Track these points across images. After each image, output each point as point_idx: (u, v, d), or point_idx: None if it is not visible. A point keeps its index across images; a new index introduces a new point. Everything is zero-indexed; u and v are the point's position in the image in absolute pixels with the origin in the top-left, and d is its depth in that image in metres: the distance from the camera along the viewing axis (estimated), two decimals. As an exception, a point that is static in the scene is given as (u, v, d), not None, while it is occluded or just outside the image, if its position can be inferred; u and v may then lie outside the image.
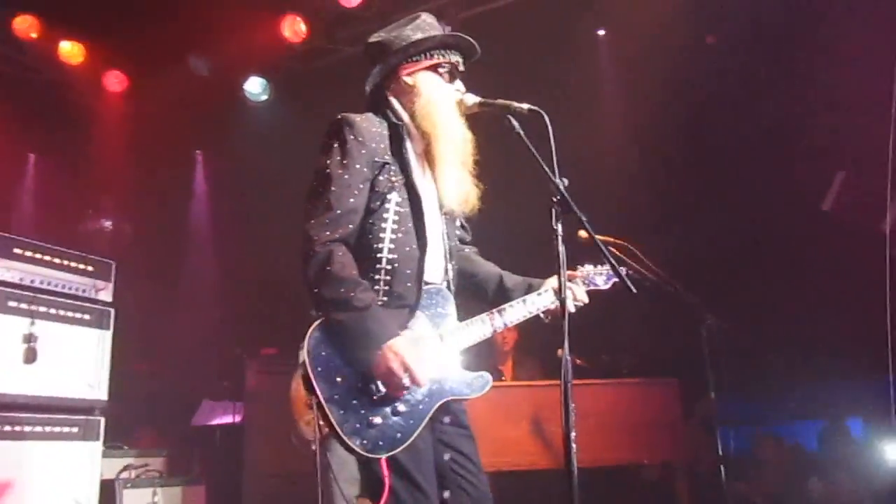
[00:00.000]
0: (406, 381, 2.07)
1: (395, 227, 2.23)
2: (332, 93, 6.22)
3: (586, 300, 2.54)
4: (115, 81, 6.95)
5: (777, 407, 5.49)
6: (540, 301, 2.43)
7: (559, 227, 2.10)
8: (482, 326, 2.32)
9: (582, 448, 4.58)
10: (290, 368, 4.35)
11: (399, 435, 2.07)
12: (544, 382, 4.59)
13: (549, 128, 2.18)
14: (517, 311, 2.39)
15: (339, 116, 2.29)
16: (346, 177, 2.18)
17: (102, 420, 4.13)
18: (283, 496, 5.86)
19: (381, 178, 2.23)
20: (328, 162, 2.21)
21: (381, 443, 2.04)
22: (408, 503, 2.07)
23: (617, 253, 3.55)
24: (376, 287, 2.19)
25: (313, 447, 3.93)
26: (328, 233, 2.13)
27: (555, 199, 2.11)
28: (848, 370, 4.99)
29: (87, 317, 4.17)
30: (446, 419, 2.26)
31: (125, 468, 4.47)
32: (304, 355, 2.07)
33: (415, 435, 2.09)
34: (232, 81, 6.77)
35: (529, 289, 2.48)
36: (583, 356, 4.94)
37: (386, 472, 2.04)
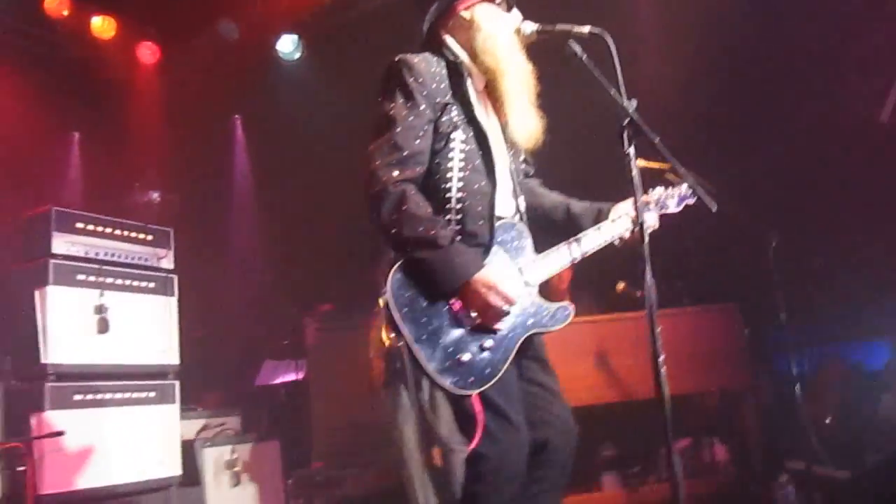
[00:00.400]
0: (504, 307, 2.07)
1: (462, 165, 2.20)
2: (365, 45, 6.16)
3: (657, 225, 2.53)
4: (147, 53, 6.95)
5: (845, 326, 5.38)
6: (615, 228, 2.40)
7: (632, 151, 2.07)
8: (560, 256, 2.31)
9: (644, 379, 4.61)
10: (347, 323, 4.42)
11: (488, 370, 2.07)
12: (607, 317, 4.57)
13: (613, 50, 2.13)
14: (593, 240, 2.37)
15: (397, 59, 2.24)
16: (410, 118, 2.15)
17: (177, 384, 4.25)
18: (351, 447, 6.00)
19: (443, 118, 2.20)
20: (391, 105, 2.17)
21: (471, 379, 2.05)
22: (499, 437, 2.08)
23: (675, 178, 3.48)
24: (448, 228, 2.17)
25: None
26: (397, 173, 2.11)
27: (625, 123, 2.07)
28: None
29: (151, 285, 4.26)
30: (528, 353, 2.26)
31: (203, 428, 4.61)
32: (386, 298, 2.06)
33: (503, 370, 2.09)
34: (263, 42, 6.72)
35: (599, 214, 2.45)
36: (639, 287, 4.90)
37: (478, 408, 2.05)
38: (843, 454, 3.72)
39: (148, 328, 4.18)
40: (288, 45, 6.70)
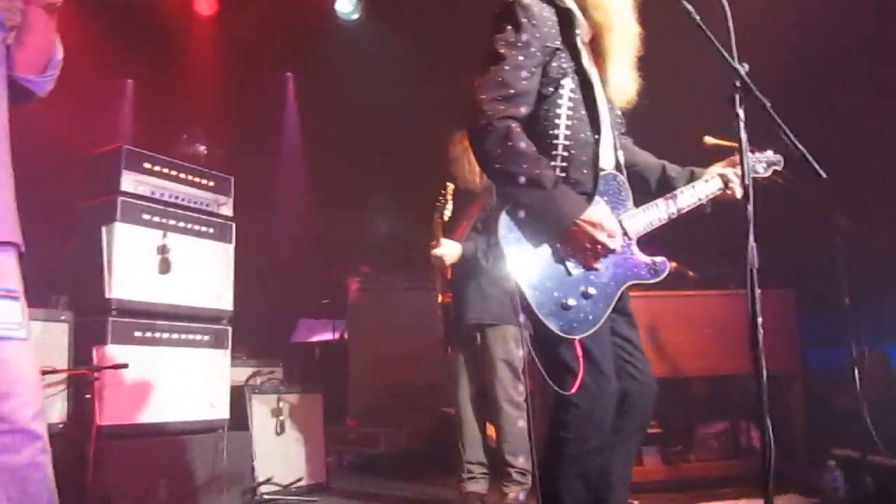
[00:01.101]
0: (611, 243, 2.09)
1: (570, 113, 2.20)
2: (424, 9, 6.14)
3: (739, 193, 2.50)
4: (205, 5, 6.98)
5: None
6: (707, 188, 2.41)
7: (741, 112, 2.06)
8: (658, 211, 2.32)
9: (696, 357, 4.61)
10: (389, 285, 4.48)
11: (591, 318, 2.09)
12: (660, 292, 4.56)
13: (728, 10, 2.12)
14: (687, 197, 2.38)
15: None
16: (520, 58, 2.14)
17: (230, 329, 4.30)
18: (385, 406, 6.09)
19: (553, 63, 2.19)
20: (502, 42, 2.16)
21: (575, 325, 2.07)
22: (591, 386, 2.11)
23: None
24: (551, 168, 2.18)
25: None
26: (503, 107, 2.10)
27: (736, 85, 2.07)
28: None
29: (211, 230, 4.30)
30: (616, 306, 2.27)
31: (253, 375, 4.68)
32: (497, 239, 2.08)
33: (603, 318, 2.11)
34: (322, 1, 6.72)
35: (692, 175, 2.46)
36: (691, 267, 4.90)
37: (580, 353, 2.07)
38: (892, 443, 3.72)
39: (206, 273, 4.23)
40: (347, 5, 6.70)
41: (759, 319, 2.02)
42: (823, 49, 5.26)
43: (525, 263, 2.07)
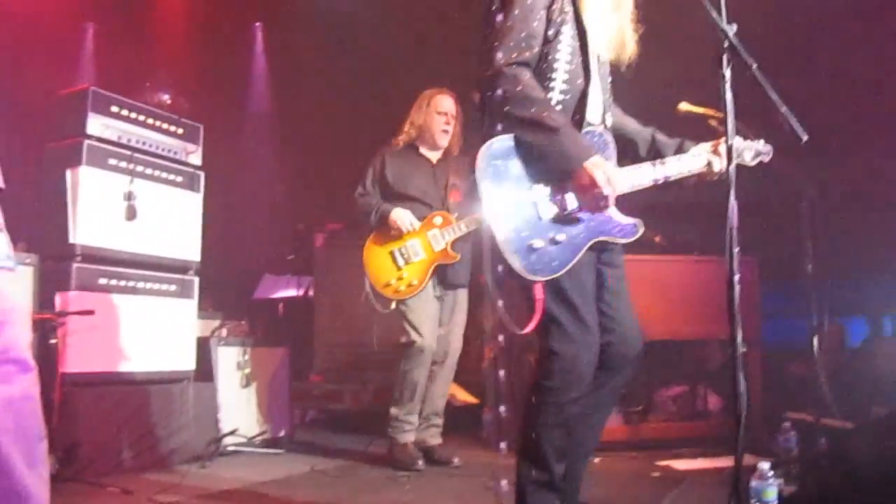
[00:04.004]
0: (610, 192, 2.11)
1: (570, 58, 2.23)
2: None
3: (719, 171, 2.45)
4: (172, -52, 6.77)
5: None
6: (693, 163, 2.42)
7: (728, 73, 2.08)
8: (643, 174, 2.33)
9: (661, 321, 4.70)
10: (357, 241, 4.42)
11: (555, 263, 2.13)
12: (627, 257, 4.62)
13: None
14: (673, 167, 2.39)
15: None
16: (528, 1, 2.17)
17: (196, 280, 4.25)
18: (350, 364, 6.09)
19: (554, 7, 2.21)
20: None
21: (539, 267, 2.11)
22: (573, 335, 2.15)
23: (717, 125, 3.50)
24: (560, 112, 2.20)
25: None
26: (515, 54, 2.14)
27: (724, 46, 2.08)
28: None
29: (179, 178, 4.23)
30: (605, 259, 2.32)
31: (220, 327, 4.64)
32: (475, 172, 2.12)
33: (569, 265, 2.13)
34: (294, -51, 6.56)
35: (681, 146, 2.47)
36: (658, 232, 4.97)
37: (539, 295, 2.10)
38: (847, 409, 3.87)
39: (173, 222, 4.16)
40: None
41: (737, 277, 2.04)
42: (795, 25, 5.33)
43: (498, 201, 2.11)
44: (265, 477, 3.70)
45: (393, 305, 4.05)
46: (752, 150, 2.59)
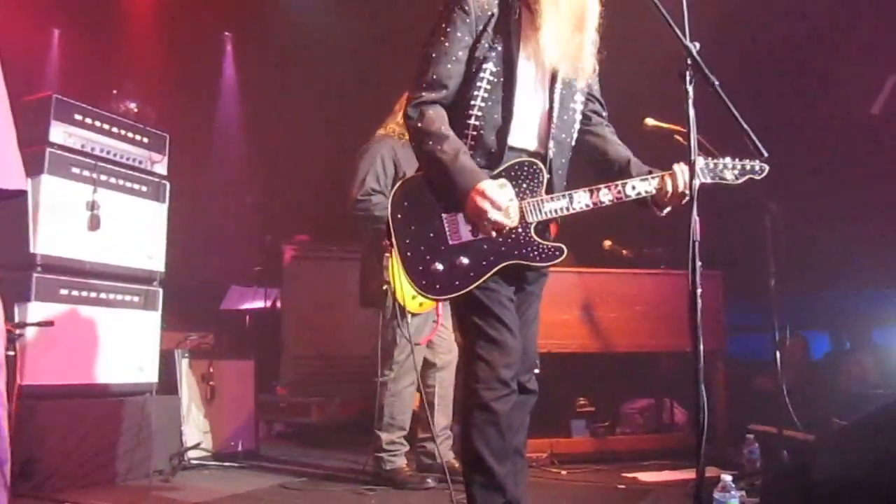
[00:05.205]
0: (498, 216, 2.16)
1: (486, 94, 2.28)
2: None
3: (688, 193, 2.26)
4: (140, -44, 6.71)
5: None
6: (641, 186, 2.31)
7: (691, 90, 2.11)
8: (569, 201, 2.29)
9: (626, 334, 4.73)
10: (325, 254, 4.41)
11: (456, 283, 2.23)
12: (595, 270, 4.66)
13: (683, -9, 2.15)
14: (609, 194, 2.30)
15: None
16: (446, 44, 2.27)
17: (161, 291, 4.19)
18: (317, 377, 6.05)
19: (480, 44, 2.28)
20: (439, 22, 2.29)
21: (437, 286, 2.23)
22: (488, 331, 2.22)
23: (682, 141, 3.53)
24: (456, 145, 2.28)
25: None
26: (423, 94, 2.26)
27: (688, 63, 2.11)
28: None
29: (144, 188, 4.17)
30: (525, 285, 2.37)
31: (184, 339, 4.58)
32: (388, 203, 2.29)
33: (472, 286, 2.22)
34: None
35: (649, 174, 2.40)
36: (625, 246, 5.03)
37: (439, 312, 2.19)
38: (808, 421, 3.93)
39: (137, 232, 4.10)
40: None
41: (699, 291, 2.05)
42: (758, 41, 5.45)
43: (407, 228, 2.28)
44: (229, 491, 3.65)
45: (410, 318, 3.68)
46: (738, 169, 2.44)
